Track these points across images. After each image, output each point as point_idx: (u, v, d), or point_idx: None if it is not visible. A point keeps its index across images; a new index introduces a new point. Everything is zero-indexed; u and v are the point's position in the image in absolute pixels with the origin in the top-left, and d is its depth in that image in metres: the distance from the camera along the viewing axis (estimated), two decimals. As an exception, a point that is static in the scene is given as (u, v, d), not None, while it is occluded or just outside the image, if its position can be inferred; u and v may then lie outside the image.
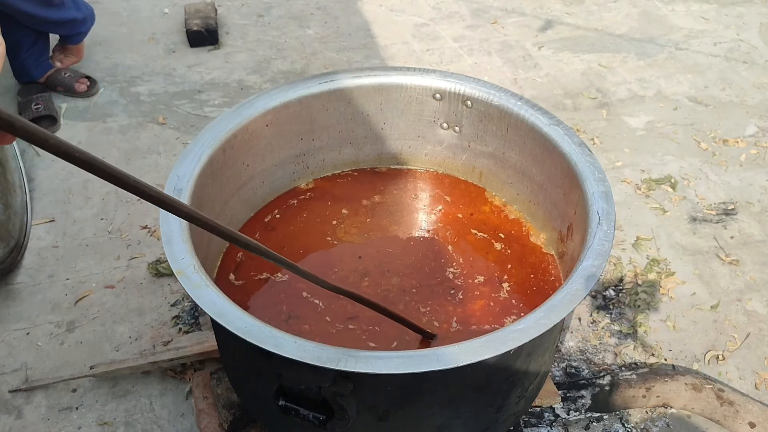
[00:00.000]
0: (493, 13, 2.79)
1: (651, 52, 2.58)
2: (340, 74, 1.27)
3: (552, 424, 1.34)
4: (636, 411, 1.39)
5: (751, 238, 1.82)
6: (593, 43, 2.62)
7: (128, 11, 2.75)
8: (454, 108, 1.27)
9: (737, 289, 1.67)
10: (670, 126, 2.21)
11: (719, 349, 1.53)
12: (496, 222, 1.29)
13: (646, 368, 1.44)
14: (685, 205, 1.91)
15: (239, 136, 1.16)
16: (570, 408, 1.36)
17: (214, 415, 1.28)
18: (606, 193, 1.04)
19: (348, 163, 1.37)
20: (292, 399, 0.89)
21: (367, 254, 1.22)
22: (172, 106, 2.25)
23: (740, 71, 2.48)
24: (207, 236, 1.10)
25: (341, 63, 2.49)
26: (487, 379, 0.96)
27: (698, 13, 2.81)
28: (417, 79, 1.27)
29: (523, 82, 2.39)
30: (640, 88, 2.38)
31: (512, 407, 1.08)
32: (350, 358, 0.81)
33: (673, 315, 1.60)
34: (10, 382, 1.43)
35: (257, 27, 2.68)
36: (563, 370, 1.45)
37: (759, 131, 2.20)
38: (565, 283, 0.93)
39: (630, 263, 1.72)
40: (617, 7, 2.85)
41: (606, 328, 1.56)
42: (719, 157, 2.08)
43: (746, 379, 1.48)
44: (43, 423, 1.37)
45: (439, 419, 0.99)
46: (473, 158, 1.33)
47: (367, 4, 2.84)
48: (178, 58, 2.49)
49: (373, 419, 0.95)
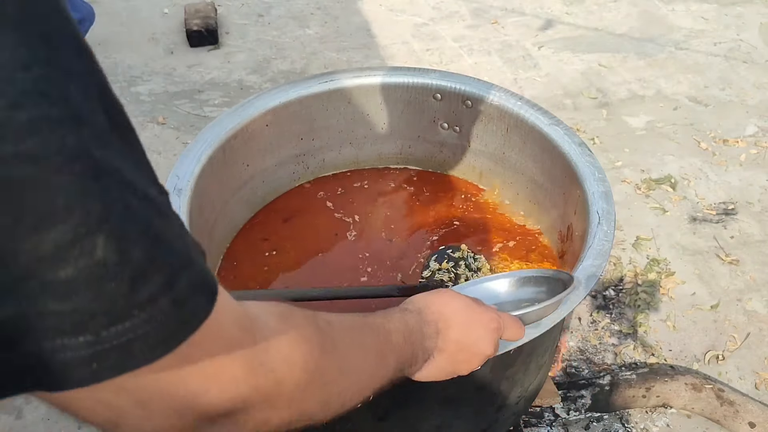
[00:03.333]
0: (493, 13, 2.79)
1: (651, 51, 2.58)
2: (340, 74, 1.27)
3: (552, 424, 1.34)
4: (636, 411, 1.39)
5: (751, 238, 1.82)
6: (593, 43, 2.62)
7: (128, 11, 2.75)
8: (454, 108, 1.27)
9: (737, 289, 1.67)
10: (670, 126, 2.21)
11: (719, 349, 1.53)
12: (496, 222, 1.29)
13: (646, 368, 1.44)
14: (685, 205, 1.91)
15: (239, 136, 1.16)
16: (570, 408, 1.36)
17: (214, 415, 1.28)
18: (606, 193, 1.04)
19: (348, 163, 1.37)
20: (292, 399, 0.89)
21: (367, 254, 1.21)
22: (171, 106, 2.25)
23: (740, 71, 2.48)
24: (207, 238, 1.10)
25: (341, 63, 2.49)
26: (487, 379, 0.96)
27: (698, 13, 2.81)
28: (417, 79, 1.27)
29: (523, 82, 2.39)
30: (640, 88, 2.38)
31: (512, 407, 1.08)
32: (350, 358, 0.81)
33: (673, 315, 1.60)
34: (10, 382, 1.43)
35: (257, 27, 2.68)
36: (563, 370, 1.45)
37: (759, 131, 2.20)
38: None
39: (630, 263, 1.72)
40: (617, 7, 2.85)
41: (606, 328, 1.56)
42: (719, 157, 2.08)
43: (746, 379, 1.48)
44: (43, 423, 1.37)
45: (438, 419, 0.99)
46: (473, 158, 1.33)
47: (367, 4, 2.83)
48: (178, 58, 2.49)
49: (373, 419, 0.95)
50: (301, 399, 0.48)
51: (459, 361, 0.72)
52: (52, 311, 0.31)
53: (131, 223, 0.33)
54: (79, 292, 0.31)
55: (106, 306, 0.32)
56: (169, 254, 0.35)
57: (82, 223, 0.31)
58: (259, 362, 0.43)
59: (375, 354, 0.60)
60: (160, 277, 0.34)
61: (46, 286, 0.31)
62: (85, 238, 0.31)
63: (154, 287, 0.34)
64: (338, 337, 0.54)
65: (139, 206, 0.34)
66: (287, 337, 0.46)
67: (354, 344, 0.57)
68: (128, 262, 0.32)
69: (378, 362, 0.60)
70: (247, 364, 0.42)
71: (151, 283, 0.34)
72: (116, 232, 0.32)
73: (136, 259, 0.33)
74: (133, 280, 0.33)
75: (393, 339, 0.63)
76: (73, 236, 0.31)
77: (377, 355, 0.60)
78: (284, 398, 0.46)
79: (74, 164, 0.31)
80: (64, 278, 0.31)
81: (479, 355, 0.73)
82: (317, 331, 0.51)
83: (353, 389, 0.56)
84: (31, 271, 0.30)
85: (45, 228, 0.30)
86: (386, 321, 0.64)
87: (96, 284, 0.32)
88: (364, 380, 0.58)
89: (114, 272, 0.32)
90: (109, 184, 0.33)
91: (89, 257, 0.31)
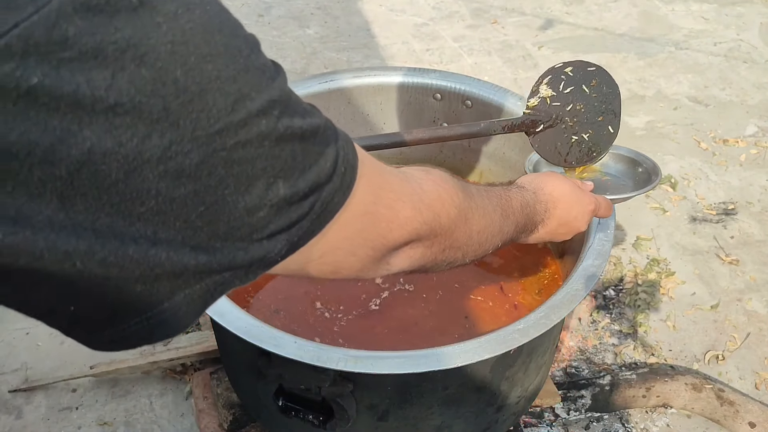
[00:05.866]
0: (493, 13, 2.79)
1: (651, 51, 2.58)
2: (340, 74, 1.27)
3: (552, 424, 1.34)
4: (636, 411, 1.39)
5: (751, 238, 1.82)
6: (593, 43, 2.62)
7: (128, 11, 2.75)
8: (454, 108, 1.27)
9: (737, 289, 1.67)
10: (670, 126, 2.21)
11: (719, 349, 1.53)
12: (496, 222, 1.29)
13: (646, 368, 1.44)
14: (685, 205, 1.91)
15: (239, 136, 1.16)
16: (570, 408, 1.36)
17: (214, 415, 1.28)
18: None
19: (348, 163, 1.37)
20: (292, 399, 0.89)
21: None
22: (172, 106, 2.25)
23: (740, 71, 2.48)
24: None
25: (341, 63, 2.49)
26: (487, 379, 0.96)
27: (698, 13, 2.81)
28: (417, 79, 1.27)
29: (523, 82, 2.39)
30: (640, 88, 2.38)
31: (512, 407, 1.08)
32: (350, 358, 0.81)
33: (673, 315, 1.60)
34: (10, 382, 1.43)
35: (257, 27, 2.68)
36: (563, 370, 1.45)
37: (759, 131, 2.19)
38: (565, 283, 0.93)
39: (630, 263, 1.72)
40: (617, 7, 2.85)
41: (606, 328, 1.56)
42: (719, 157, 2.08)
43: (746, 379, 1.48)
44: (43, 423, 1.37)
45: (438, 419, 0.99)
46: (473, 158, 1.33)
47: (367, 4, 2.83)
48: (178, 58, 2.49)
49: (373, 419, 0.95)
50: (453, 229, 0.61)
51: (558, 234, 0.89)
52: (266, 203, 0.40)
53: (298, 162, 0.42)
54: (268, 219, 0.40)
55: (313, 177, 0.42)
56: (334, 131, 0.46)
57: (269, 175, 0.40)
58: (420, 202, 0.56)
59: (501, 211, 0.73)
60: (335, 145, 0.45)
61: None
62: (271, 186, 0.40)
63: (334, 154, 0.44)
64: (473, 190, 0.68)
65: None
66: (435, 183, 0.59)
67: (484, 198, 0.70)
68: (297, 192, 0.41)
69: (503, 218, 0.73)
70: (413, 206, 0.55)
71: (311, 198, 0.43)
72: (287, 175, 0.41)
73: (300, 187, 0.41)
74: (302, 198, 0.42)
75: (513, 205, 0.77)
76: (265, 187, 0.40)
77: (502, 212, 0.74)
78: (442, 228, 0.59)
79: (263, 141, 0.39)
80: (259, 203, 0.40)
81: (575, 229, 0.90)
82: (455, 181, 0.63)
83: (487, 231, 0.69)
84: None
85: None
86: (507, 192, 0.78)
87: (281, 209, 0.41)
88: (495, 227, 0.71)
89: (290, 201, 0.41)
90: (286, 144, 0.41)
91: (275, 198, 0.40)
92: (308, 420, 0.90)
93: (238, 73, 0.36)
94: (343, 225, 0.46)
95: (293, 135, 0.40)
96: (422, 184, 0.57)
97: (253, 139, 0.37)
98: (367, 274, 0.55)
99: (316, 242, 0.45)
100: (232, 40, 0.37)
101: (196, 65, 0.34)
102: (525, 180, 0.87)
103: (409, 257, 0.58)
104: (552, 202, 0.85)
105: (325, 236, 0.45)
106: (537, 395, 1.19)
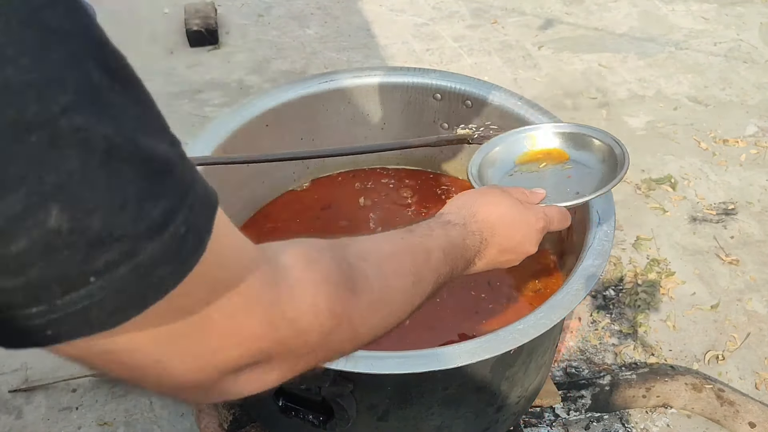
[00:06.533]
0: (493, 13, 2.79)
1: (651, 51, 2.58)
2: (340, 74, 1.27)
3: (552, 424, 1.34)
4: (636, 411, 1.39)
5: (751, 238, 1.82)
6: (593, 43, 2.62)
7: (128, 11, 2.75)
8: (454, 108, 1.27)
9: (737, 289, 1.67)
10: (670, 126, 2.21)
11: (719, 349, 1.53)
12: (496, 222, 1.29)
13: (646, 368, 1.44)
14: (685, 205, 1.91)
15: (239, 136, 1.16)
16: (570, 408, 1.36)
17: (214, 415, 1.28)
18: (606, 193, 1.04)
19: (348, 163, 1.37)
20: (292, 399, 0.89)
21: (367, 254, 1.22)
22: (171, 106, 2.25)
23: (740, 71, 2.48)
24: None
25: (341, 63, 2.49)
26: (487, 379, 0.96)
27: (698, 13, 2.81)
28: (417, 78, 1.27)
29: (523, 82, 2.39)
30: (640, 88, 2.38)
31: (512, 407, 1.08)
32: (350, 358, 0.81)
33: (673, 315, 1.60)
34: (10, 382, 1.43)
35: (257, 27, 2.68)
36: (563, 370, 1.45)
37: (759, 131, 2.20)
38: (565, 283, 0.93)
39: (630, 263, 1.72)
40: (617, 7, 2.85)
41: (606, 328, 1.56)
42: (719, 157, 2.08)
43: (746, 379, 1.48)
44: (43, 423, 1.37)
45: (439, 419, 0.99)
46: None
47: (367, 4, 2.83)
48: (178, 58, 2.49)
49: (373, 419, 0.95)
50: (327, 342, 0.46)
51: (502, 262, 0.79)
52: (3, 288, 0.29)
53: (92, 190, 0.30)
54: (33, 263, 0.29)
55: (59, 275, 0.30)
56: (136, 220, 0.32)
57: (34, 192, 0.28)
58: (281, 316, 0.41)
59: (412, 279, 0.59)
60: (120, 245, 0.31)
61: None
62: (39, 207, 0.29)
63: (112, 255, 0.31)
64: (372, 273, 0.52)
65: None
66: (314, 286, 0.44)
67: (390, 274, 0.56)
68: (85, 230, 0.30)
69: (415, 287, 0.59)
70: (267, 319, 0.40)
71: (111, 251, 0.31)
72: (71, 200, 0.29)
73: (93, 227, 0.30)
74: (89, 247, 0.30)
75: (432, 258, 0.63)
76: (24, 206, 0.28)
77: (414, 279, 0.59)
78: (310, 346, 0.45)
79: (31, 134, 0.28)
80: (15, 252, 0.29)
81: (523, 253, 0.80)
82: (348, 271, 0.49)
83: (386, 321, 0.55)
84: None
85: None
86: (427, 238, 0.65)
87: (49, 254, 0.29)
88: (398, 309, 0.57)
89: (68, 241, 0.30)
90: (69, 151, 0.30)
91: (42, 227, 0.29)
92: (308, 420, 0.90)
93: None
94: (153, 319, 0.34)
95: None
96: (294, 288, 0.43)
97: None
98: (192, 398, 0.41)
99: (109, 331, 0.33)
100: None
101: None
102: (452, 208, 0.76)
103: (259, 380, 0.43)
104: (488, 229, 0.75)
105: (123, 326, 0.33)
106: (537, 395, 1.19)
